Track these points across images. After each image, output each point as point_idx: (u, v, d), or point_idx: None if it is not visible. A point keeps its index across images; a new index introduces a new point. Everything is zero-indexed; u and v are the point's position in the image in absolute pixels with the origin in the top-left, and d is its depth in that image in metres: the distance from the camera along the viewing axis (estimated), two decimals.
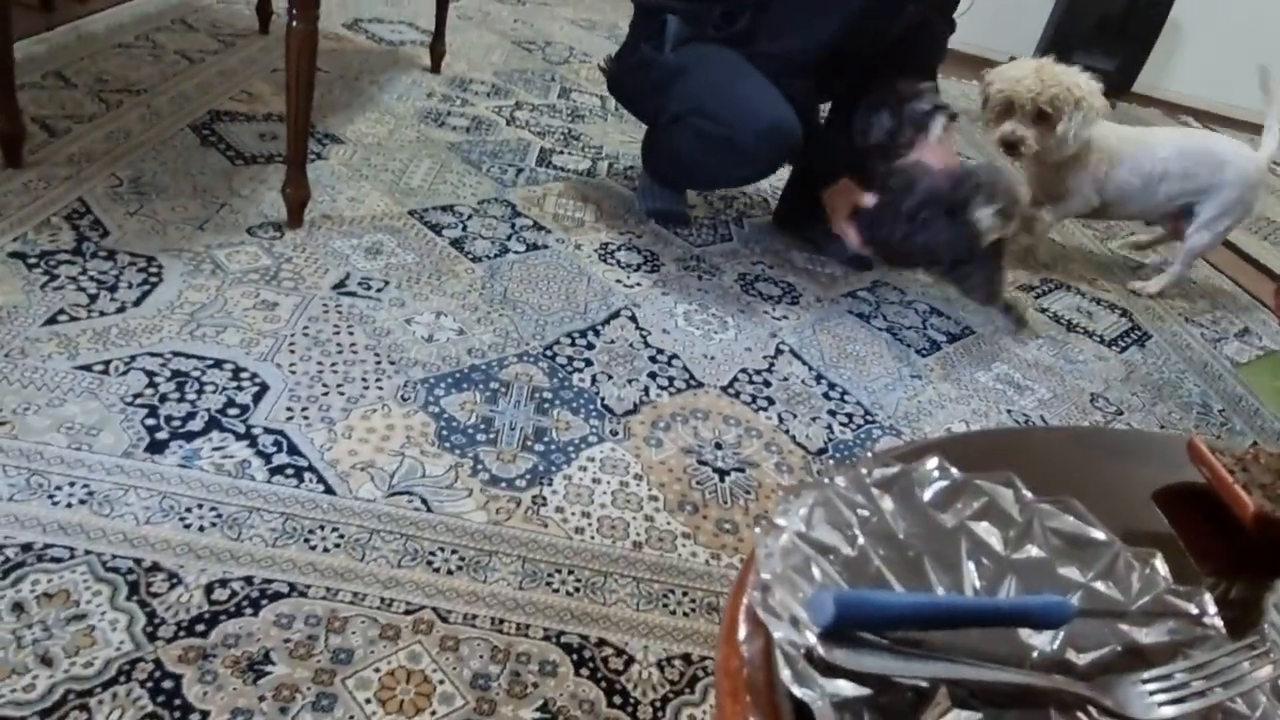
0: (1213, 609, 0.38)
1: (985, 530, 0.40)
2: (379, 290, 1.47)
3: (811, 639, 0.32)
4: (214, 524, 0.99)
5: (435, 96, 2.34)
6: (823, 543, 0.36)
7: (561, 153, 2.19)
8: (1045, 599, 0.36)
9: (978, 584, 0.38)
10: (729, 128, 1.67)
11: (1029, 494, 0.41)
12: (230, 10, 2.59)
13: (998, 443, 0.55)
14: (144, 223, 1.49)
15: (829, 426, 1.42)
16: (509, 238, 1.74)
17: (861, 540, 0.37)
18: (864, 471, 0.40)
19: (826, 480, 0.40)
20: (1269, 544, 0.47)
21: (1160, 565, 0.40)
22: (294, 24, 1.42)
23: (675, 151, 1.83)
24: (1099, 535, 0.40)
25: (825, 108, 1.98)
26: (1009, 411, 1.58)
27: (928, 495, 0.40)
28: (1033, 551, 0.40)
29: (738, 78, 1.71)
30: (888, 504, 0.39)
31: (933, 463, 0.41)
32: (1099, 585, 0.39)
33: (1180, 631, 0.37)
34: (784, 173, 1.97)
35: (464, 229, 1.73)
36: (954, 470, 0.41)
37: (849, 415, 1.46)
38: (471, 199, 1.85)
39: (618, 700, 0.90)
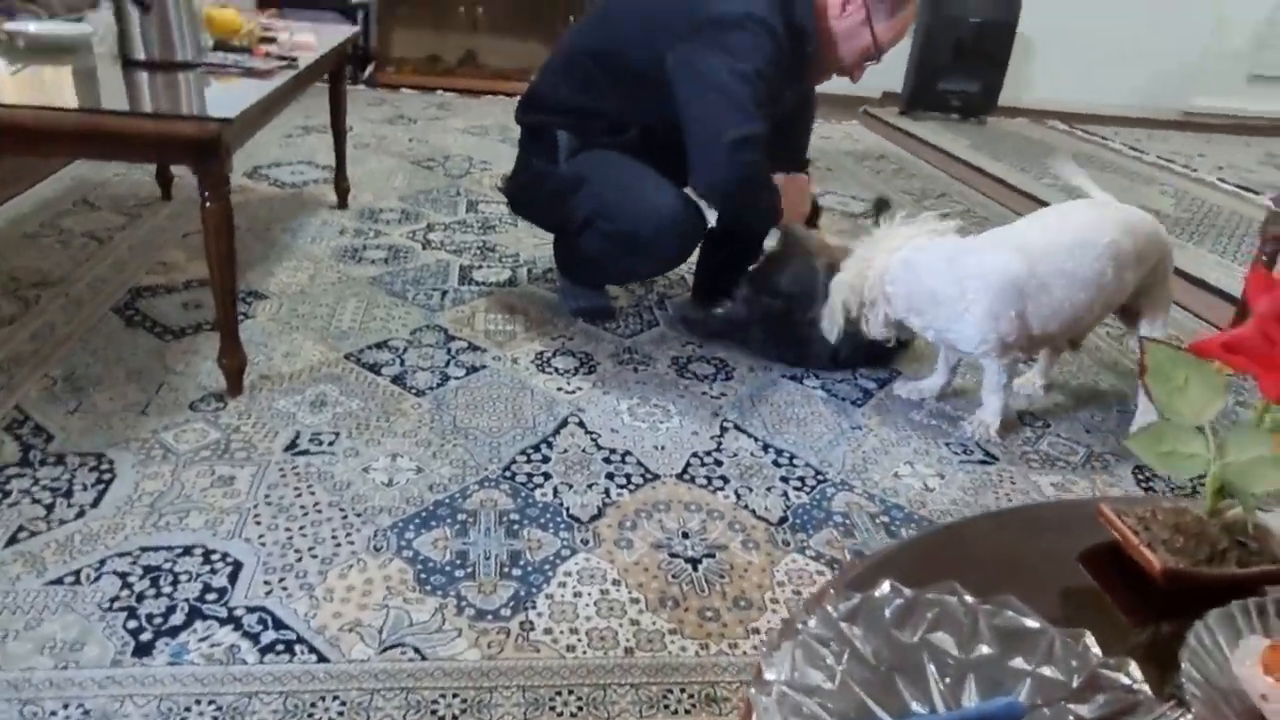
0: (1139, 676, 0.45)
1: (941, 639, 0.46)
2: (331, 443, 1.51)
3: None
4: (215, 718, 1.00)
5: (348, 233, 2.39)
6: (807, 684, 0.42)
7: (481, 267, 2.26)
8: (1002, 703, 0.42)
9: (943, 686, 0.44)
10: (636, 227, 1.77)
11: (970, 599, 0.48)
12: (130, 181, 2.61)
13: (935, 544, 0.62)
14: (86, 419, 1.50)
15: (784, 494, 1.49)
16: (447, 364, 1.79)
17: (840, 672, 0.43)
18: (830, 609, 0.46)
19: (800, 625, 0.46)
20: (1180, 594, 0.54)
21: (1090, 642, 0.46)
22: (207, 204, 1.46)
23: (589, 255, 1.91)
24: (1034, 624, 0.47)
25: None
26: (947, 444, 1.68)
27: (887, 616, 0.47)
28: (984, 650, 0.46)
29: (636, 179, 1.81)
30: (855, 632, 0.46)
31: (886, 587, 0.48)
32: (1045, 670, 0.45)
33: (1116, 702, 0.44)
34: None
35: (402, 364, 1.77)
36: (906, 590, 0.48)
37: (801, 479, 1.53)
38: (404, 331, 1.90)
39: None
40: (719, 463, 1.56)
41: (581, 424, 1.63)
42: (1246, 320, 0.49)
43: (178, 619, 1.13)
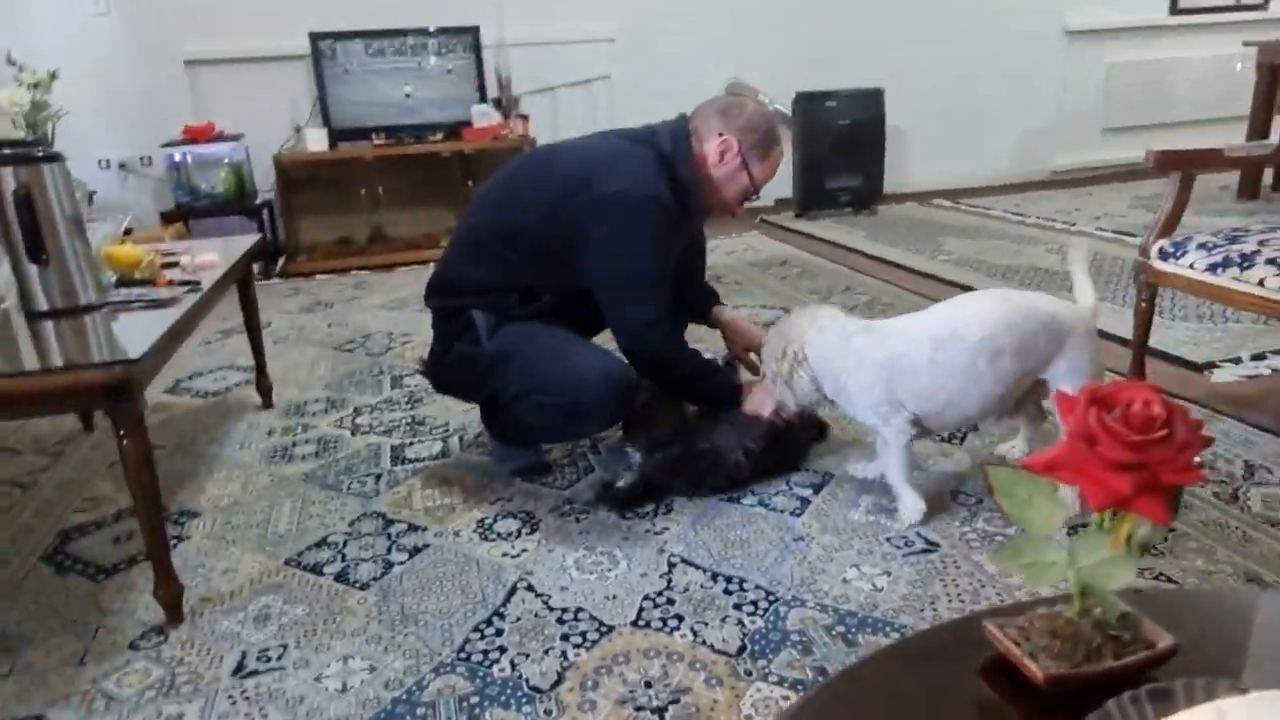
0: None
1: None
2: (279, 657, 1.48)
3: None
4: None
5: (276, 432, 2.40)
6: None
7: (412, 444, 2.28)
8: None
9: None
10: (571, 395, 1.82)
11: None
12: (50, 419, 2.59)
13: (838, 694, 0.64)
14: (21, 682, 1.46)
15: (739, 622, 1.50)
16: (389, 550, 1.78)
17: None
18: None
19: None
20: (1067, 695, 0.58)
21: None
22: (124, 441, 1.47)
23: (523, 424, 1.95)
24: None
25: None
26: (889, 539, 1.72)
27: None
28: None
29: (565, 348, 1.88)
30: None
31: None
32: None
33: None
34: None
35: (343, 559, 1.76)
36: None
37: (754, 603, 1.55)
38: (342, 524, 1.90)
39: None
40: (671, 601, 1.57)
41: (531, 587, 1.63)
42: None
43: None
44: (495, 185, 2.00)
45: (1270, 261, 1.86)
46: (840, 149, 4.86)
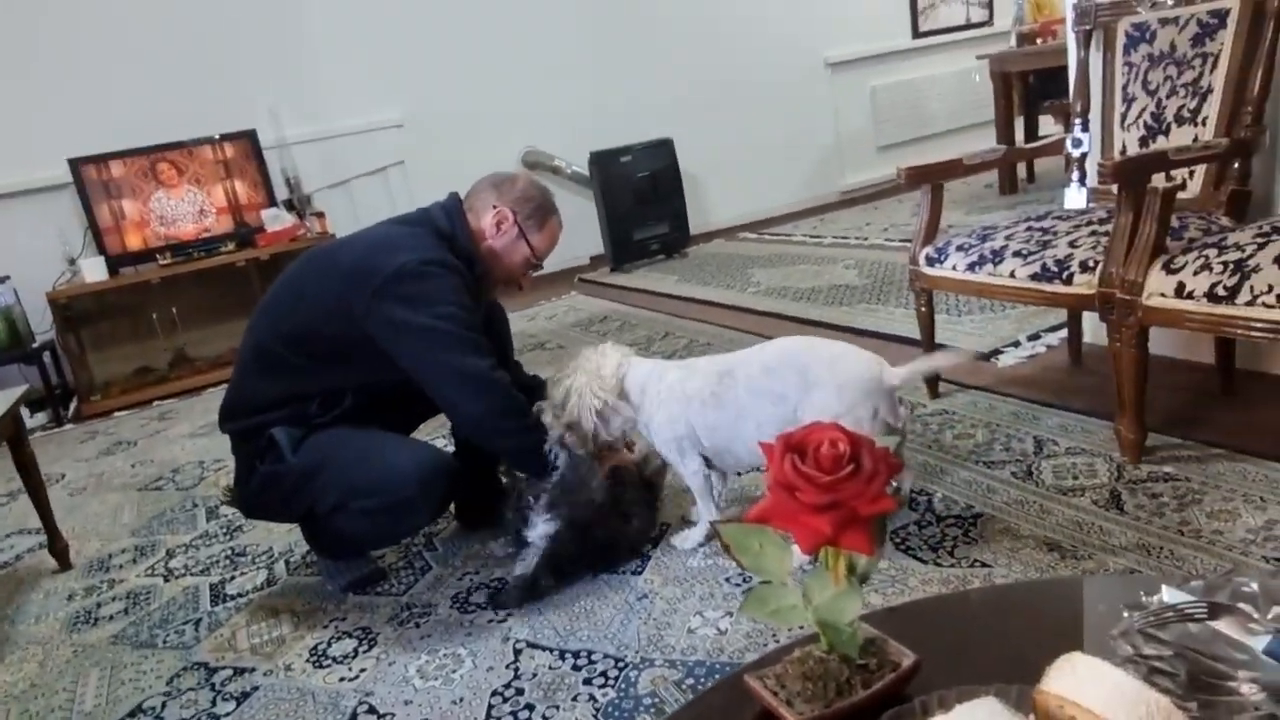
0: None
1: None
2: None
3: None
4: None
5: (77, 595, 2.19)
6: None
7: (234, 578, 2.13)
8: None
9: None
10: (395, 496, 1.75)
11: None
12: None
13: None
14: None
15: (591, 698, 1.47)
16: (213, 703, 1.65)
17: None
18: None
19: None
20: None
21: None
22: None
23: (347, 534, 1.86)
24: None
25: None
26: (728, 579, 1.74)
27: None
28: None
29: (375, 448, 1.81)
30: None
31: None
32: None
33: None
34: None
35: None
36: None
37: (604, 674, 1.52)
38: (159, 685, 1.74)
39: None
40: (520, 691, 1.52)
41: (372, 709, 1.54)
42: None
43: None
44: (275, 292, 1.93)
45: (1016, 254, 2.03)
46: (643, 200, 5.02)
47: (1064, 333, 2.58)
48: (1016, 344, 2.71)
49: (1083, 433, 2.08)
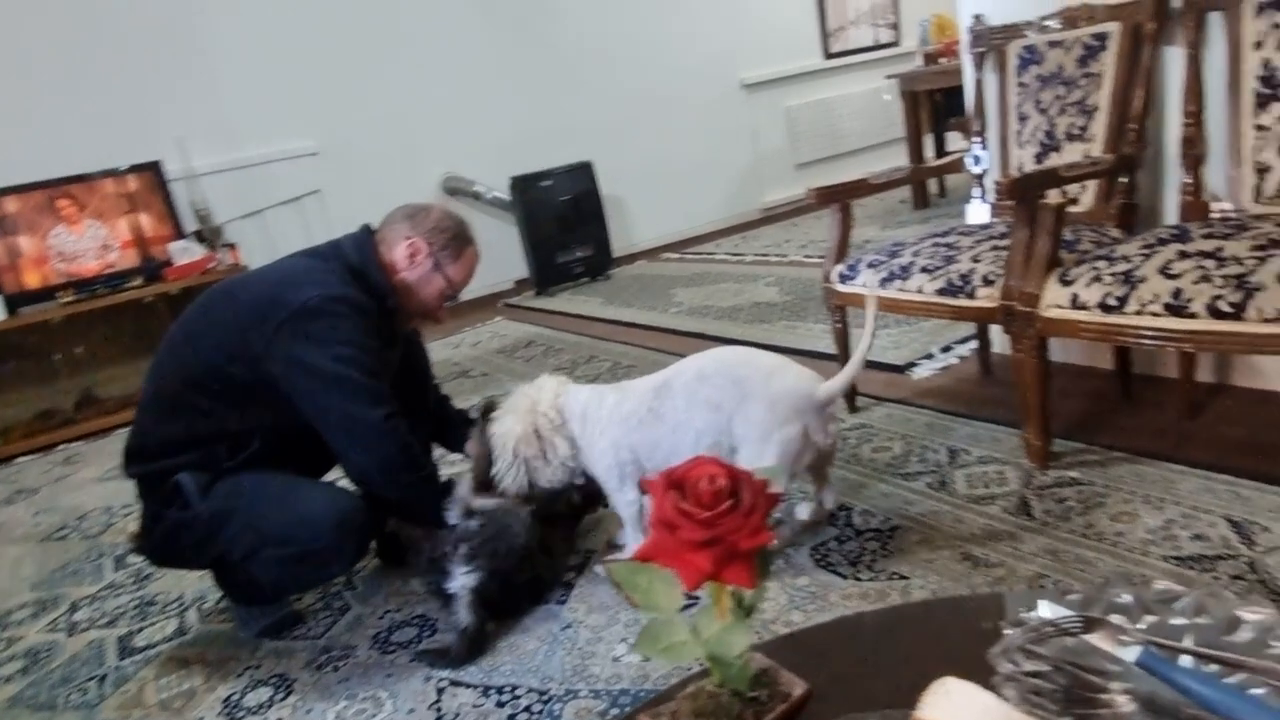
0: None
1: None
2: None
3: None
4: None
5: None
6: None
7: (142, 629, 2.04)
8: None
9: None
10: (310, 542, 1.70)
11: None
12: None
13: None
14: None
15: None
16: None
17: None
18: None
19: None
20: None
21: None
22: None
23: (261, 582, 1.79)
24: None
25: None
26: None
27: None
28: None
29: (287, 493, 1.75)
30: None
31: None
32: None
33: None
34: None
35: None
36: None
37: (528, 709, 1.50)
38: None
39: None
40: None
41: None
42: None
43: None
44: (177, 330, 1.86)
45: (923, 270, 2.09)
46: (565, 223, 5.02)
47: (974, 344, 2.66)
48: (930, 356, 2.78)
49: (993, 441, 2.13)
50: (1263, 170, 1.84)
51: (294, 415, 1.76)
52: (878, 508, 1.94)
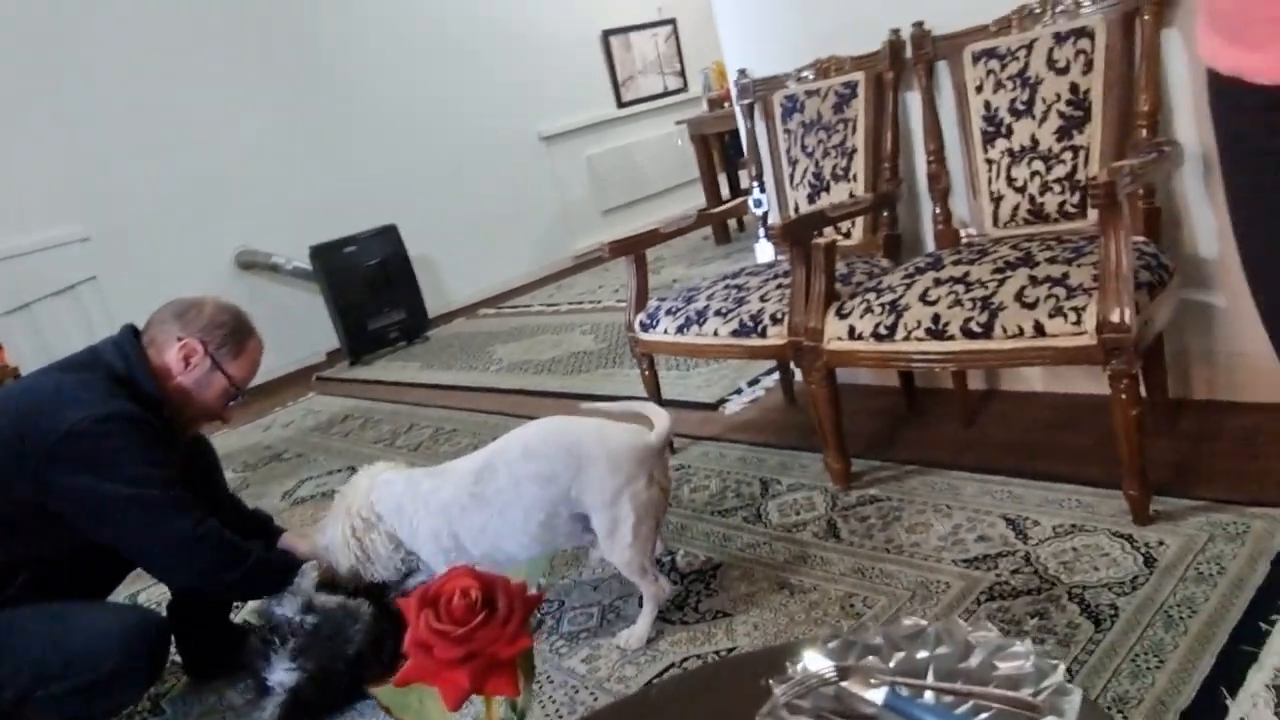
0: None
1: None
2: None
3: None
4: None
5: None
6: None
7: None
8: None
9: None
10: (86, 673, 1.55)
11: None
12: None
13: None
14: None
15: None
16: None
17: None
18: None
19: None
20: None
21: None
22: None
23: None
24: None
25: None
26: None
27: None
28: None
29: (56, 623, 1.59)
30: None
31: None
32: None
33: None
34: None
35: None
36: None
37: None
38: None
39: None
40: None
41: None
42: None
43: None
44: None
45: (717, 313, 2.18)
46: (374, 288, 4.88)
47: (777, 375, 2.80)
48: (739, 391, 2.89)
49: (800, 468, 2.25)
50: (997, 199, 2.05)
51: (64, 544, 1.61)
52: (699, 548, 1.99)
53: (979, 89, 2.04)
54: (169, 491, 1.64)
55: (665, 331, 2.28)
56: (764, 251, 2.61)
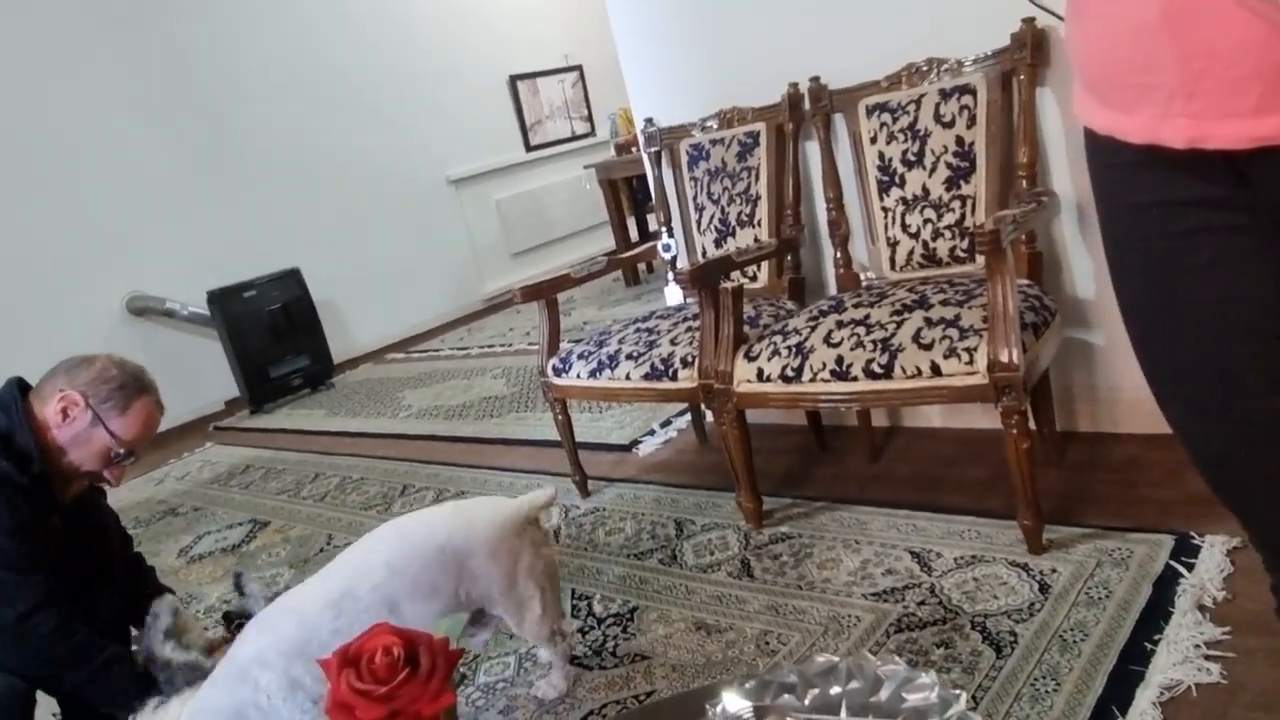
0: None
1: None
2: None
3: None
4: None
5: None
6: None
7: None
8: None
9: None
10: None
11: None
12: None
13: None
14: None
15: None
16: None
17: None
18: None
19: None
20: None
21: None
22: None
23: None
24: None
25: None
26: None
27: None
28: None
29: None
30: None
31: None
32: None
33: None
34: None
35: None
36: None
37: None
38: None
39: None
40: None
41: None
42: None
43: None
44: None
45: (629, 357, 2.21)
46: (277, 334, 4.74)
47: (689, 415, 2.83)
48: (652, 432, 2.92)
49: (714, 508, 2.28)
50: (894, 244, 2.15)
51: None
52: (615, 592, 1.99)
53: (873, 140, 2.15)
54: (12, 565, 1.53)
55: (578, 376, 2.30)
56: (673, 294, 2.66)
